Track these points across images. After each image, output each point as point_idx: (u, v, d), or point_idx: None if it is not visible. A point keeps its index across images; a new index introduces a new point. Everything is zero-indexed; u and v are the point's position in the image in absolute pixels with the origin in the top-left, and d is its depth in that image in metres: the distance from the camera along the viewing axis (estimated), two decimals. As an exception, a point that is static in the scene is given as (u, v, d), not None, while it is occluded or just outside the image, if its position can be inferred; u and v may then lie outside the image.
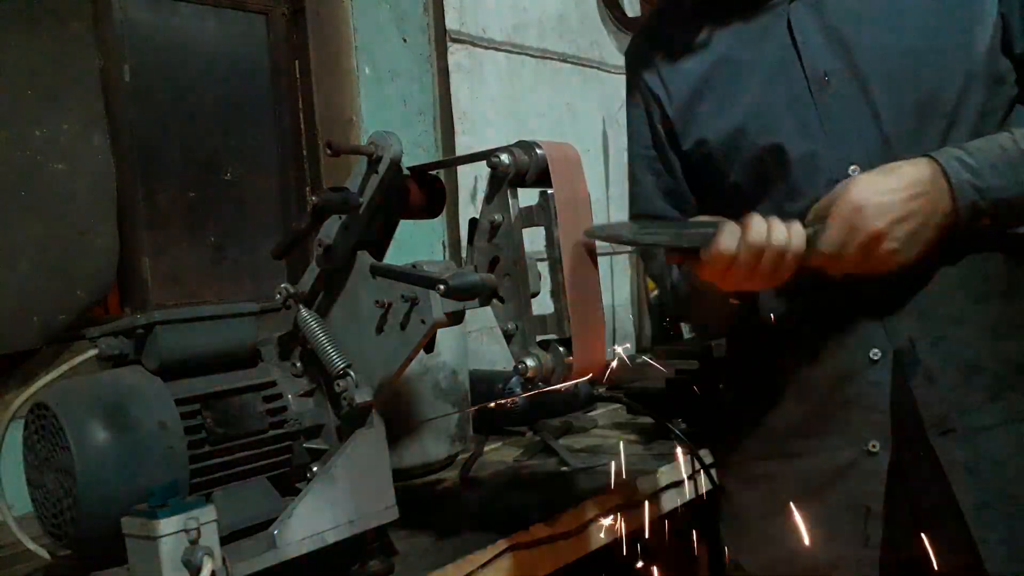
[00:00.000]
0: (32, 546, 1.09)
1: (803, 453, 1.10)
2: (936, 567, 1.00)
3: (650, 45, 1.23)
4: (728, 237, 0.93)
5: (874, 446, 1.03)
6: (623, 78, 1.30)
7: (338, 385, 1.10)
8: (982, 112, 1.00)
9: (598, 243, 1.00)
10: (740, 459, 1.20)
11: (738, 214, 0.98)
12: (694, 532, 1.73)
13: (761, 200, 1.08)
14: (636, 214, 1.27)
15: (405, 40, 2.29)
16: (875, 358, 1.03)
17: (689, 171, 1.21)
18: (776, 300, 1.11)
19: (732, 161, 1.11)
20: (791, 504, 1.09)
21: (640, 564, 1.62)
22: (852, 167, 1.02)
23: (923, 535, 1.01)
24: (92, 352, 1.11)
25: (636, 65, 1.24)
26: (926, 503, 1.02)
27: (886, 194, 0.93)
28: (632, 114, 1.26)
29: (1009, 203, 0.94)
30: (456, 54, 2.34)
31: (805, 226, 0.96)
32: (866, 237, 0.93)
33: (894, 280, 0.98)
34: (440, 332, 1.08)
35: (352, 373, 1.10)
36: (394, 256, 1.20)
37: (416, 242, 2.24)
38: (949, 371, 1.01)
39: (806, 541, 1.07)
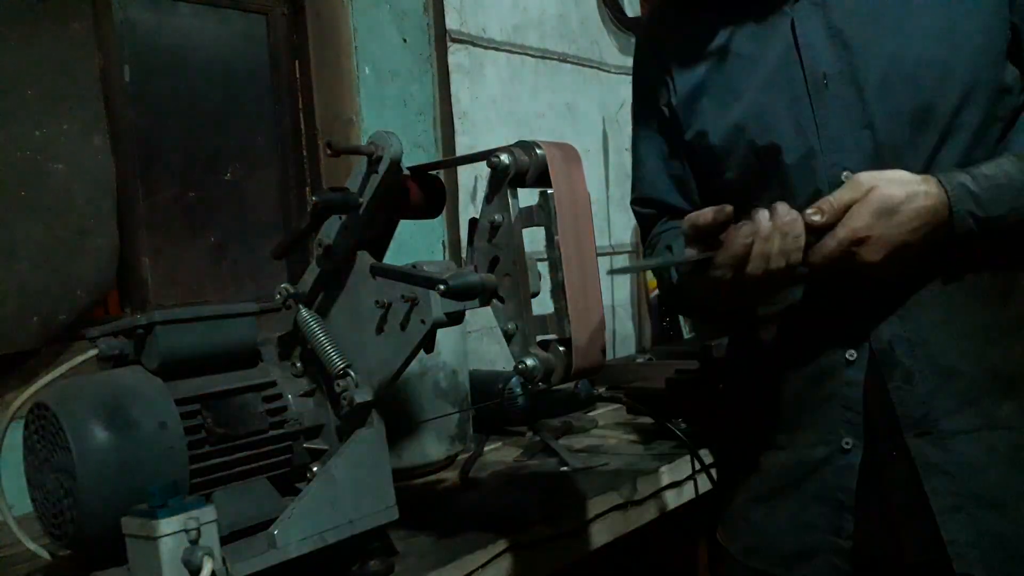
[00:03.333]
0: (32, 546, 1.09)
1: (784, 446, 1.12)
2: (906, 562, 1.02)
3: (660, 34, 1.22)
4: (742, 232, 0.94)
5: (847, 443, 1.05)
6: (623, 78, 1.31)
7: (338, 385, 1.10)
8: (983, 122, 0.99)
9: (597, 243, 1.01)
10: (734, 449, 1.23)
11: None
12: (694, 532, 1.73)
13: (756, 198, 1.07)
14: (639, 198, 1.27)
15: (405, 40, 2.29)
16: (851, 359, 1.04)
17: (689, 163, 1.20)
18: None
19: (730, 157, 1.10)
20: (771, 494, 1.12)
21: (640, 564, 1.62)
22: (845, 172, 1.01)
23: (894, 531, 1.03)
24: (92, 352, 1.11)
25: (646, 53, 1.24)
26: (898, 501, 1.03)
27: (895, 234, 0.92)
28: (640, 97, 1.25)
29: (1003, 229, 0.95)
30: (456, 54, 2.34)
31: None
32: (857, 265, 0.94)
33: (878, 283, 0.99)
34: (440, 332, 1.08)
35: (352, 373, 1.10)
36: (394, 256, 1.20)
37: (416, 242, 2.24)
38: (927, 374, 1.01)
39: (783, 529, 1.10)
